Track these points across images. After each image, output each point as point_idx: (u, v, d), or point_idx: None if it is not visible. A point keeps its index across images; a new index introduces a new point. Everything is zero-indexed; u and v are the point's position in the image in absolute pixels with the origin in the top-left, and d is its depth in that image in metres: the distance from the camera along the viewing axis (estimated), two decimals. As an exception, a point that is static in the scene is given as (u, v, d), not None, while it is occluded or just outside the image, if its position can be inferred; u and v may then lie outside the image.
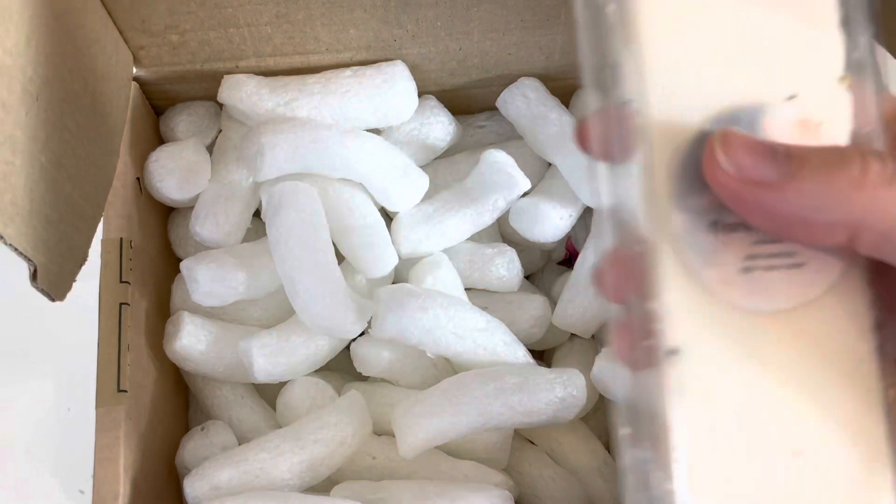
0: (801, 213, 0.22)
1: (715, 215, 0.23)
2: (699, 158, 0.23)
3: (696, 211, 0.23)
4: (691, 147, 0.23)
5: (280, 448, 0.41)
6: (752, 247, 0.23)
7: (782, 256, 0.24)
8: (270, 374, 0.43)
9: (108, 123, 0.40)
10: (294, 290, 0.42)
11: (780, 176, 0.22)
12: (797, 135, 0.24)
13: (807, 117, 0.24)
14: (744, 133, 0.23)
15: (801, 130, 0.24)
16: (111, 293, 0.42)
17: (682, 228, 0.23)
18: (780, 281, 0.24)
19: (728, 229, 0.23)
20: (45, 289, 0.32)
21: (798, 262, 0.24)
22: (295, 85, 0.45)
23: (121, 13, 0.42)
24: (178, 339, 0.43)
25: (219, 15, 0.44)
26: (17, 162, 0.31)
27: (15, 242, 0.30)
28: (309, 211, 0.42)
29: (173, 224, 0.49)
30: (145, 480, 0.41)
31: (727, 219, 0.23)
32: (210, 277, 0.43)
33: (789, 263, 0.24)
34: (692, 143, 0.23)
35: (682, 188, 0.23)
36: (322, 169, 0.44)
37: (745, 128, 0.23)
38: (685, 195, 0.23)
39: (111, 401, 0.40)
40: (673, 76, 0.24)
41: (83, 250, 0.36)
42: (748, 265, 0.23)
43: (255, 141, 0.43)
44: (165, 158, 0.45)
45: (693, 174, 0.23)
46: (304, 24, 0.44)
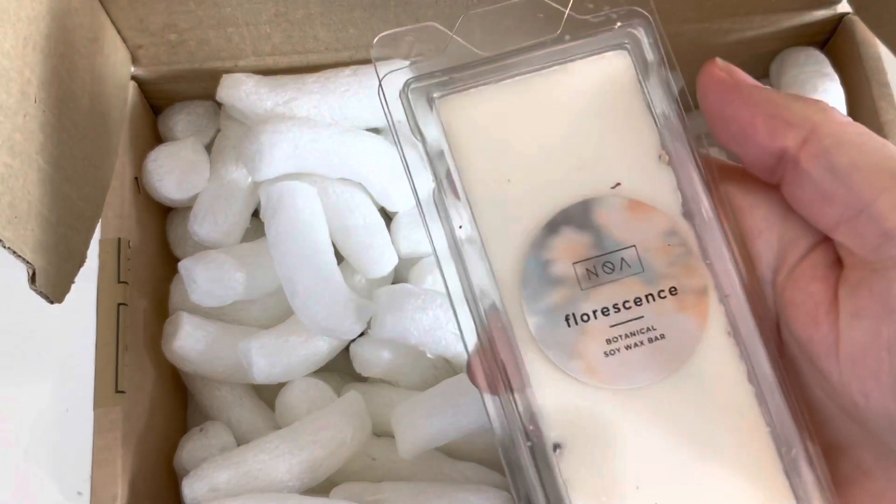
0: (769, 108, 0.24)
1: (567, 310, 0.25)
2: (540, 263, 0.25)
3: (548, 311, 0.25)
4: (531, 256, 0.25)
5: (279, 449, 0.40)
6: (609, 329, 0.25)
7: (641, 333, 0.25)
8: (269, 374, 0.43)
9: (106, 123, 0.40)
10: (293, 291, 0.41)
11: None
12: (630, 216, 0.26)
13: (635, 199, 0.26)
14: None
15: (632, 212, 0.26)
16: (109, 293, 0.42)
17: (539, 329, 0.25)
18: (645, 356, 0.25)
19: (583, 319, 0.25)
20: (43, 291, 0.32)
21: (658, 334, 0.25)
22: (294, 84, 0.45)
23: (119, 12, 0.42)
24: (177, 340, 0.43)
25: (217, 14, 0.43)
26: (15, 164, 0.30)
27: (13, 245, 0.30)
28: (308, 211, 0.42)
29: (172, 224, 0.49)
30: (143, 481, 0.41)
31: (580, 310, 0.25)
32: (209, 277, 0.43)
33: (650, 337, 0.25)
34: (531, 252, 0.25)
35: (530, 294, 0.25)
36: (321, 169, 0.44)
37: (578, 224, 0.25)
38: (534, 299, 0.25)
39: (109, 402, 0.40)
40: (500, 194, 0.26)
41: (82, 252, 0.36)
42: (610, 348, 0.25)
43: (253, 140, 0.42)
44: (164, 158, 0.45)
45: (538, 278, 0.25)
46: (304, 23, 0.44)
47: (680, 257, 0.25)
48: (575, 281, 0.25)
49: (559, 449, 0.25)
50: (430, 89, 0.26)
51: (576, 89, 0.26)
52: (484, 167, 0.26)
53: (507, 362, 0.25)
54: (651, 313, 0.25)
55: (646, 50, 0.27)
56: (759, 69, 0.50)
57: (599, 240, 0.26)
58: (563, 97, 0.26)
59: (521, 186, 0.26)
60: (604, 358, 0.25)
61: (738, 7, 0.46)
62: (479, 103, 0.26)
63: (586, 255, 0.25)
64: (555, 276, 0.25)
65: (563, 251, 0.25)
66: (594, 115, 0.26)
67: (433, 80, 0.26)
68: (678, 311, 0.25)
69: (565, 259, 0.25)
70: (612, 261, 0.25)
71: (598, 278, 0.25)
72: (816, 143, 0.23)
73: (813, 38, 0.49)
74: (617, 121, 0.26)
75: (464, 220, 0.26)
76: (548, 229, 0.26)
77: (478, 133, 0.26)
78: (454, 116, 0.26)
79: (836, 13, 0.47)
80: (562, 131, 0.26)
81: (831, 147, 0.23)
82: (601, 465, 0.25)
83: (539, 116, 0.26)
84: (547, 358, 0.25)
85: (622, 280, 0.25)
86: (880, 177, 0.22)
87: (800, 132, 0.24)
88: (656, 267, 0.25)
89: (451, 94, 0.26)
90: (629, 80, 0.26)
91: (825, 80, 0.46)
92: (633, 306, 0.25)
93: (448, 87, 0.26)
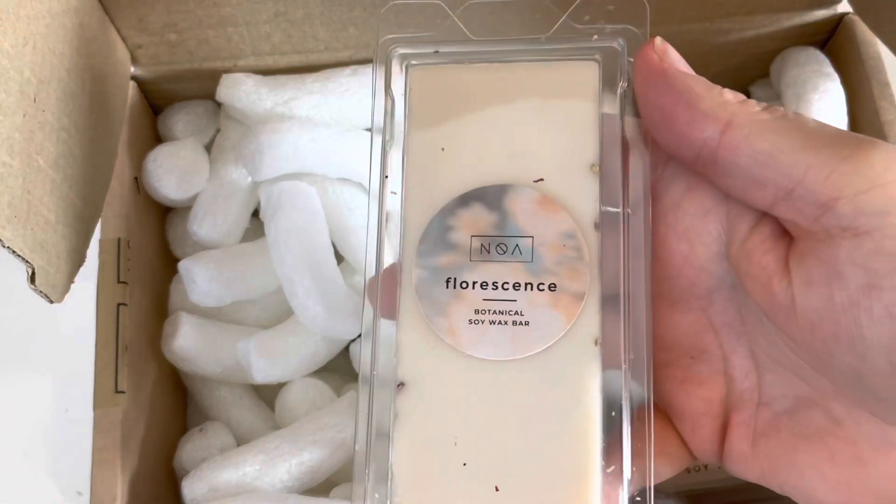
0: (690, 97, 0.25)
1: (450, 273, 0.27)
2: (443, 227, 0.27)
3: (434, 269, 0.27)
4: (438, 218, 0.28)
5: (279, 449, 0.40)
6: (482, 302, 0.27)
7: (509, 314, 0.27)
8: (269, 374, 0.42)
9: (106, 123, 0.40)
10: (293, 291, 0.41)
11: (689, 71, 0.26)
12: (538, 210, 0.27)
13: (549, 196, 0.27)
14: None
15: (541, 206, 0.27)
16: (109, 293, 0.42)
17: (421, 281, 0.27)
18: (503, 334, 0.27)
19: (461, 286, 0.27)
20: (43, 291, 0.32)
21: (524, 320, 0.27)
22: (294, 84, 0.45)
23: (118, 12, 0.42)
24: (176, 340, 0.43)
25: (217, 14, 0.43)
26: (15, 164, 0.30)
27: (13, 245, 0.30)
28: (308, 211, 0.42)
29: (171, 224, 0.49)
30: (143, 482, 0.41)
31: (461, 277, 0.27)
32: (208, 277, 0.43)
33: (515, 321, 0.27)
34: (438, 215, 0.28)
35: (425, 250, 0.28)
36: (321, 168, 0.44)
37: (488, 204, 0.28)
38: (426, 255, 0.27)
39: (109, 402, 0.40)
40: (431, 159, 0.28)
41: (81, 251, 0.36)
42: (476, 318, 0.27)
43: (253, 140, 0.42)
44: (163, 158, 0.45)
45: (435, 238, 0.28)
46: (303, 22, 0.44)
47: (570, 259, 0.27)
48: (467, 251, 0.27)
49: (402, 387, 0.27)
50: (411, 57, 0.29)
51: (535, 86, 0.28)
52: (427, 131, 0.28)
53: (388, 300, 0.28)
54: (524, 300, 0.27)
55: (620, 67, 0.28)
56: (759, 69, 0.50)
57: (503, 222, 0.27)
58: (520, 90, 0.28)
59: (452, 157, 0.28)
60: (467, 325, 0.27)
61: (739, 7, 0.46)
62: (444, 77, 0.29)
63: (486, 232, 0.27)
64: (451, 241, 0.28)
65: (467, 222, 0.28)
66: (542, 113, 0.28)
67: (419, 49, 0.29)
68: (549, 307, 0.27)
69: (466, 230, 0.27)
70: (507, 244, 0.27)
71: (488, 255, 0.27)
72: (736, 133, 0.24)
73: (813, 37, 0.48)
74: (562, 124, 0.28)
75: (393, 172, 0.29)
76: (460, 200, 0.28)
77: (431, 100, 0.29)
78: (419, 83, 0.29)
79: (836, 13, 0.47)
80: (507, 120, 0.28)
81: (751, 135, 0.24)
82: (431, 414, 0.27)
83: (492, 102, 0.28)
84: (419, 308, 0.27)
85: (510, 263, 0.27)
86: (804, 155, 0.24)
87: (717, 124, 0.25)
88: (545, 261, 0.27)
89: (424, 65, 0.29)
90: (589, 91, 0.28)
91: (826, 79, 0.46)
92: (510, 289, 0.27)
93: (428, 58, 0.29)
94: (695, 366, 0.28)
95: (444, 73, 0.29)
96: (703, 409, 0.28)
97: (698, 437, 0.28)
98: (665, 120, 0.26)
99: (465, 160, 0.28)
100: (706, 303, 0.28)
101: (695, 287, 0.28)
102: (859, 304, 0.23)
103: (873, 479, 0.25)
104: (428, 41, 0.29)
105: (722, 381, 0.28)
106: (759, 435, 0.27)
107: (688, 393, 0.28)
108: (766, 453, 0.27)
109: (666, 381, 0.28)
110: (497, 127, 0.28)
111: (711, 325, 0.28)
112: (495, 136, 0.28)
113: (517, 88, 0.28)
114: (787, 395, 0.27)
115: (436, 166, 0.28)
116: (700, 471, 0.42)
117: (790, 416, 0.26)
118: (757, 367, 0.27)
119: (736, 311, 0.28)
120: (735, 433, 0.27)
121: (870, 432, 0.25)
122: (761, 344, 0.27)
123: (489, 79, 0.29)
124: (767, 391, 0.27)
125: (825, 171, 0.23)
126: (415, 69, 0.29)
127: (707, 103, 0.25)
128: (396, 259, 0.28)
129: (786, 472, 0.26)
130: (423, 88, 0.29)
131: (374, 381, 0.28)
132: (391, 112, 0.29)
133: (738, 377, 0.28)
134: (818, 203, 0.23)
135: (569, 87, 0.28)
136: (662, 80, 0.25)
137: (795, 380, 0.26)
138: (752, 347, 0.27)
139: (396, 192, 0.28)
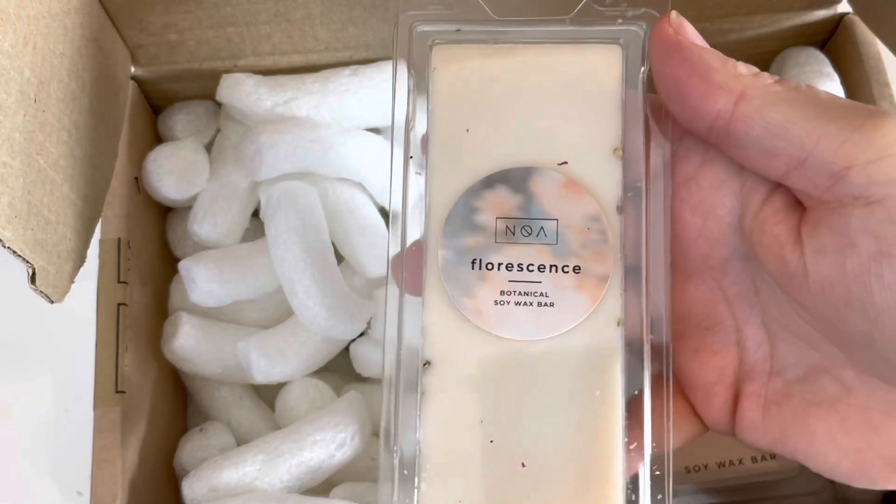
0: (704, 70, 0.25)
1: (476, 255, 0.28)
2: (468, 208, 0.28)
3: (460, 250, 0.28)
4: (463, 199, 0.28)
5: (279, 449, 0.40)
6: (508, 284, 0.27)
7: (534, 296, 0.27)
8: (269, 374, 0.43)
9: (106, 123, 0.40)
10: (293, 291, 0.41)
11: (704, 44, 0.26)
12: (563, 193, 0.28)
13: (574, 179, 0.28)
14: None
15: (566, 189, 0.28)
16: (109, 293, 0.42)
17: (446, 262, 0.28)
18: (528, 315, 0.27)
19: (487, 267, 0.27)
20: (43, 291, 0.32)
21: (549, 301, 0.27)
22: (294, 84, 0.45)
23: (119, 12, 0.42)
24: (176, 340, 0.43)
25: (217, 14, 0.43)
26: (15, 164, 0.30)
27: (13, 245, 0.30)
28: (308, 211, 0.42)
29: (171, 224, 0.49)
30: (143, 482, 0.41)
31: (487, 258, 0.27)
32: (208, 278, 0.43)
33: (540, 302, 0.27)
34: (464, 196, 0.28)
35: (450, 231, 0.28)
36: (321, 168, 0.44)
37: (514, 186, 0.28)
38: (452, 236, 0.28)
39: (109, 402, 0.40)
40: (457, 140, 0.28)
41: (82, 252, 0.36)
42: (501, 299, 0.27)
43: (253, 140, 0.42)
44: (164, 158, 0.45)
45: (461, 220, 0.28)
46: (303, 22, 0.44)
47: (594, 242, 0.27)
48: (493, 232, 0.28)
49: (428, 365, 0.27)
50: (434, 35, 0.29)
51: (558, 69, 0.28)
52: (451, 112, 0.28)
53: (414, 277, 0.28)
54: (549, 282, 0.27)
55: (643, 51, 0.28)
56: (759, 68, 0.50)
57: (528, 205, 0.28)
58: (544, 73, 0.28)
59: (477, 138, 0.28)
60: (493, 305, 0.27)
61: (739, 7, 0.46)
62: (469, 57, 0.29)
63: (511, 214, 0.28)
64: (477, 223, 0.28)
65: (492, 204, 0.28)
66: (566, 97, 0.28)
67: (441, 27, 0.29)
68: (574, 288, 0.27)
69: (491, 211, 0.28)
70: (532, 226, 0.28)
71: (513, 237, 0.28)
72: (748, 105, 0.25)
73: (813, 37, 0.48)
74: (586, 107, 0.28)
75: (417, 153, 0.29)
76: (485, 182, 0.28)
77: (457, 82, 0.29)
78: (443, 62, 0.29)
79: (836, 13, 0.47)
80: (531, 102, 0.28)
81: (763, 107, 0.24)
82: (457, 391, 0.27)
83: (516, 84, 0.28)
84: (444, 289, 0.28)
85: (535, 245, 0.27)
86: (816, 125, 0.24)
87: (730, 96, 0.25)
88: (569, 244, 0.27)
89: (448, 44, 0.29)
90: (612, 74, 0.28)
91: (825, 79, 0.46)
92: (535, 271, 0.27)
93: (450, 36, 0.29)
94: (708, 336, 0.28)
95: (468, 52, 0.29)
96: (716, 378, 0.28)
97: (711, 407, 0.28)
98: (679, 92, 0.26)
99: (490, 142, 0.28)
100: (720, 274, 0.28)
101: (709, 259, 0.28)
102: (870, 270, 0.23)
103: (885, 444, 0.25)
104: (449, 19, 0.29)
105: (735, 351, 0.28)
106: (770, 403, 0.27)
107: (701, 363, 0.28)
108: (777, 421, 0.27)
109: (680, 352, 0.29)
110: (521, 109, 0.28)
111: (725, 296, 0.28)
112: (519, 118, 0.28)
113: (541, 71, 0.28)
114: (799, 364, 0.27)
115: (461, 147, 0.28)
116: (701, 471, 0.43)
117: (802, 383, 0.27)
118: (770, 336, 0.28)
119: (750, 281, 0.28)
120: (747, 402, 0.28)
121: (881, 399, 0.25)
122: (774, 314, 0.27)
123: (513, 60, 0.29)
124: (780, 360, 0.27)
125: (838, 141, 0.23)
126: (439, 47, 0.29)
127: (720, 76, 0.25)
128: (421, 237, 0.28)
129: (797, 439, 0.26)
130: (448, 67, 0.29)
131: (400, 357, 0.28)
132: (414, 90, 0.29)
133: (750, 347, 0.28)
134: (830, 172, 0.24)
135: (592, 71, 0.28)
136: (677, 53, 0.26)
137: (807, 348, 0.27)
138: (764, 317, 0.28)
139: (420, 173, 0.29)
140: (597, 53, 0.28)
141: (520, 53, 0.29)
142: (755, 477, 0.42)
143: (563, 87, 0.28)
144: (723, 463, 0.41)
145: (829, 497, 0.44)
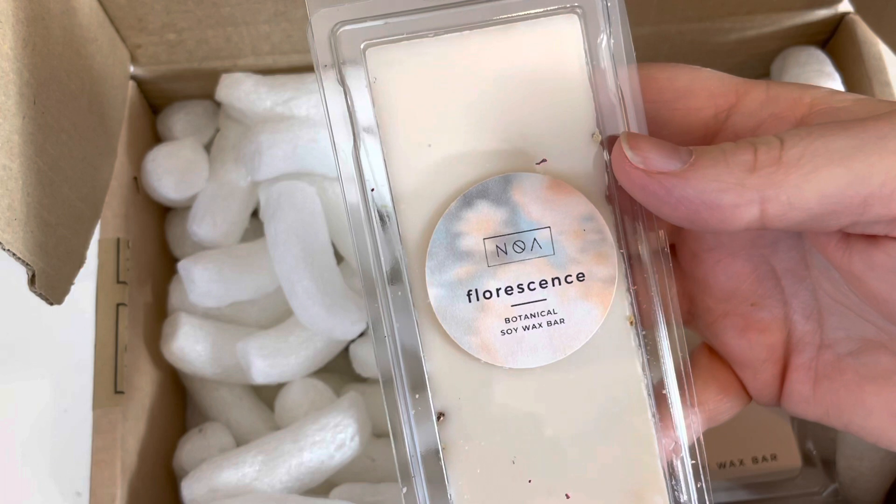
0: (707, 198, 0.22)
1: (470, 286, 0.25)
2: (450, 235, 0.25)
3: (451, 284, 0.25)
4: (442, 225, 0.25)
5: (279, 450, 0.40)
6: (511, 309, 0.25)
7: (542, 315, 0.25)
8: (268, 375, 0.42)
9: (105, 123, 0.40)
10: (292, 291, 0.41)
11: (683, 164, 0.23)
12: (550, 196, 0.25)
13: (557, 178, 0.25)
14: (645, 134, 0.24)
15: (551, 192, 0.25)
16: (108, 294, 0.42)
17: (439, 301, 0.25)
18: (540, 338, 0.25)
19: (485, 297, 0.25)
20: (43, 293, 0.32)
21: (559, 318, 0.25)
22: (293, 83, 0.45)
23: (118, 12, 0.42)
24: (176, 340, 0.43)
25: (216, 13, 0.43)
26: (15, 166, 0.30)
27: (13, 247, 0.30)
28: (307, 211, 0.42)
29: (171, 224, 0.48)
30: (142, 482, 0.41)
31: (483, 287, 0.25)
32: (207, 278, 0.43)
33: (549, 321, 0.25)
34: (442, 221, 0.25)
35: (435, 265, 0.25)
36: (321, 168, 0.44)
37: (494, 200, 0.25)
38: (438, 271, 0.25)
39: (108, 402, 0.40)
40: (419, 159, 0.25)
41: (81, 253, 0.36)
42: (508, 327, 0.25)
43: (253, 140, 0.42)
44: (163, 158, 0.45)
45: (445, 250, 0.25)
46: (303, 22, 0.44)
47: (593, 244, 0.25)
48: (483, 256, 0.25)
49: (443, 417, 0.25)
50: (361, 34, 0.25)
51: (514, 53, 0.25)
52: (406, 128, 0.25)
53: (404, 330, 0.25)
54: (554, 297, 0.25)
55: (600, 16, 0.25)
56: (760, 68, 0.50)
57: (514, 217, 0.25)
58: (499, 61, 0.25)
59: (442, 153, 0.25)
60: (500, 336, 0.25)
61: (740, 6, 0.45)
62: (410, 57, 0.25)
63: (498, 232, 0.25)
64: (463, 249, 0.25)
65: (476, 225, 0.25)
66: (529, 84, 0.25)
67: (366, 23, 0.24)
68: (582, 298, 0.25)
69: (476, 233, 0.25)
70: (524, 240, 0.25)
71: (506, 256, 0.25)
72: (776, 206, 0.22)
73: (814, 37, 0.48)
74: (553, 92, 0.25)
75: (378, 183, 0.25)
76: (462, 201, 0.25)
77: (405, 90, 0.25)
78: (382, 69, 0.25)
79: (837, 12, 0.47)
80: (493, 99, 0.25)
81: (792, 201, 0.22)
82: (481, 437, 0.25)
83: (471, 80, 0.25)
84: (443, 330, 0.25)
85: (531, 261, 0.25)
86: (852, 183, 0.22)
87: (752, 207, 0.22)
88: (568, 251, 0.25)
89: (382, 44, 0.25)
90: (572, 49, 0.25)
91: (826, 79, 0.46)
92: (537, 288, 0.25)
93: (380, 33, 0.25)
94: (755, 312, 0.28)
95: (408, 51, 0.25)
96: (765, 356, 0.28)
97: (759, 382, 0.28)
98: (695, 225, 0.23)
99: (458, 154, 0.25)
100: (770, 251, 0.28)
101: (760, 238, 0.27)
102: None
103: None
104: (374, 13, 0.25)
105: (783, 325, 0.28)
106: (821, 376, 0.27)
107: (749, 341, 0.28)
108: (829, 394, 0.27)
109: (726, 330, 0.28)
110: (483, 109, 0.25)
111: (773, 271, 0.28)
112: (484, 120, 0.25)
113: (494, 58, 0.25)
114: (852, 337, 0.27)
115: (426, 168, 0.25)
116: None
117: (855, 357, 0.27)
118: (820, 309, 0.27)
119: (801, 257, 0.27)
120: (795, 375, 0.27)
121: None
122: (826, 288, 0.27)
123: (462, 52, 0.25)
124: (830, 333, 0.27)
125: (886, 192, 0.22)
126: (372, 50, 0.25)
127: (729, 196, 0.22)
128: (403, 281, 0.25)
129: (851, 413, 0.26)
130: (390, 74, 0.25)
131: (411, 418, 0.25)
132: (352, 108, 0.25)
133: (798, 320, 0.28)
134: (890, 218, 0.22)
135: (552, 48, 0.25)
136: (666, 195, 0.23)
137: (861, 322, 0.26)
138: (815, 291, 0.27)
139: (387, 205, 0.25)
140: (553, 27, 0.25)
141: (467, 43, 0.25)
142: (755, 477, 0.42)
143: (524, 76, 0.25)
144: (723, 464, 0.41)
145: (829, 497, 0.44)
